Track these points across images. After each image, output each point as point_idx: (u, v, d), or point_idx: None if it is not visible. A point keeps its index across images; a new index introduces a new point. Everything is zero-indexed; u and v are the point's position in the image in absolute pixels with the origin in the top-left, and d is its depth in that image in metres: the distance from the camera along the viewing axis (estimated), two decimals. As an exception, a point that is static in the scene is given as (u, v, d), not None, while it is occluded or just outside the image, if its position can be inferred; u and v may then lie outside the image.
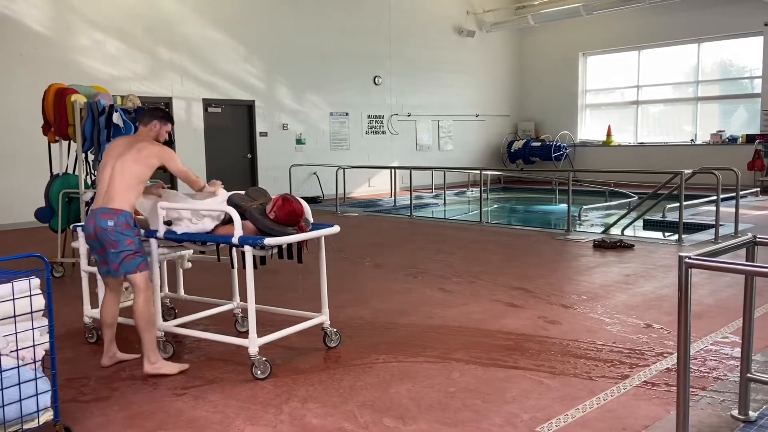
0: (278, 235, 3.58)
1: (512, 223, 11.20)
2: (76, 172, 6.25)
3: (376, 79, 15.27)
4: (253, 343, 3.60)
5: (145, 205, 3.97)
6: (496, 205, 13.77)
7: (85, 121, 5.90)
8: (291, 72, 13.73)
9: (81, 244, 4.28)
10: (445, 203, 13.59)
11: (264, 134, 13.36)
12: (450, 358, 3.88)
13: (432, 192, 14.52)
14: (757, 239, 2.81)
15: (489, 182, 14.27)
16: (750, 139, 14.37)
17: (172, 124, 4.06)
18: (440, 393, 3.35)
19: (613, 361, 3.77)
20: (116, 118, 5.84)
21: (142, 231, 3.85)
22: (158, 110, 4.05)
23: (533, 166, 17.47)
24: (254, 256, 3.60)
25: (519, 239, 8.54)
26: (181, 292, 4.77)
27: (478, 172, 11.74)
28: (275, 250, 3.72)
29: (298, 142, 14.04)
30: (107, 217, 3.61)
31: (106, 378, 3.68)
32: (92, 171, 6.41)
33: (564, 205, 9.58)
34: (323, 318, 4.08)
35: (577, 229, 9.05)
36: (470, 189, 15.06)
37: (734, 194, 8.15)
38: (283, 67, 13.60)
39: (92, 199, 5.81)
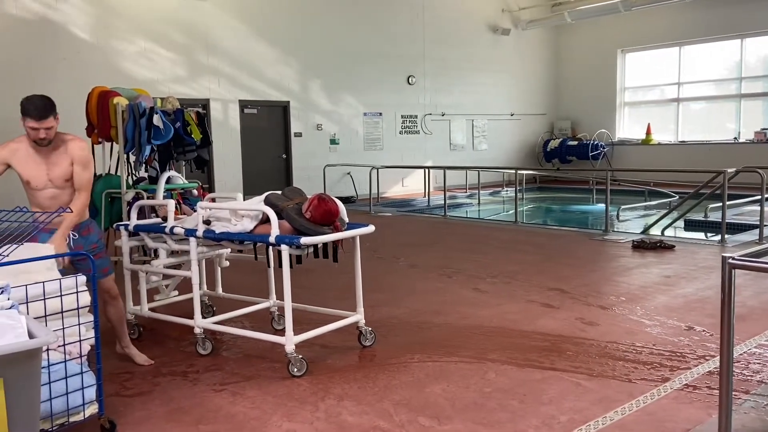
0: (314, 235, 3.62)
1: (548, 224, 11.07)
2: (119, 173, 6.41)
3: (410, 78, 15.26)
4: (290, 340, 3.64)
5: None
6: (531, 205, 13.62)
7: (126, 123, 6.05)
8: (325, 73, 13.83)
9: (124, 243, 4.40)
10: (479, 203, 13.50)
11: (299, 135, 13.49)
12: (485, 358, 3.86)
13: (466, 192, 14.45)
14: (805, 240, 2.72)
15: (524, 182, 14.13)
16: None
17: (29, 116, 3.31)
18: (476, 393, 3.33)
19: (653, 363, 3.70)
20: (156, 119, 5.97)
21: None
22: (21, 104, 3.35)
23: (570, 165, 17.22)
24: (290, 255, 3.65)
25: (555, 239, 8.43)
26: (219, 290, 4.86)
27: (513, 171, 11.62)
28: (311, 250, 3.77)
29: (332, 142, 14.13)
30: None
31: (148, 373, 3.77)
32: (134, 171, 6.57)
33: (602, 205, 9.42)
34: (358, 317, 4.11)
35: (616, 230, 8.89)
36: (505, 189, 14.93)
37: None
38: (318, 68, 13.71)
39: (135, 198, 5.96)
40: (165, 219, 4.33)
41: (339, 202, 3.85)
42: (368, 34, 14.38)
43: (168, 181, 5.93)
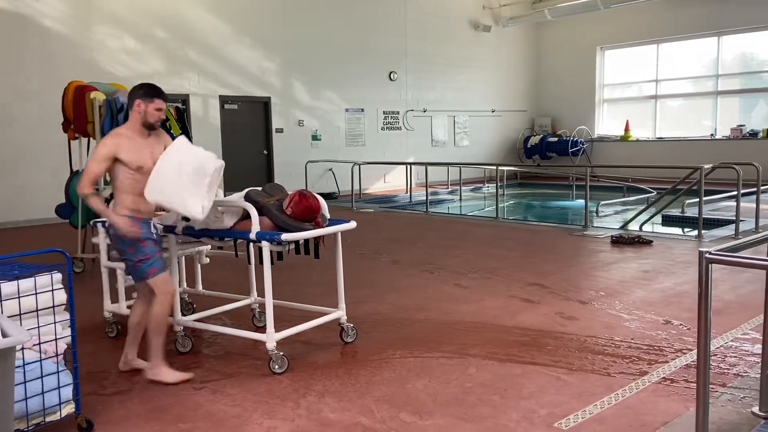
0: (295, 231, 3.60)
1: (529, 219, 11.14)
2: (96, 169, 6.31)
3: (392, 75, 15.25)
4: (271, 338, 3.62)
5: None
6: (512, 201, 13.71)
7: (104, 119, 5.96)
8: (307, 68, 13.76)
9: (101, 240, 4.34)
10: (461, 199, 13.55)
11: (280, 131, 13.42)
12: (466, 353, 3.87)
13: (448, 188, 14.49)
14: (780, 234, 2.77)
15: (505, 178, 14.20)
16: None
17: (163, 99, 3.53)
18: (457, 388, 3.35)
19: (631, 357, 3.74)
20: (135, 115, 5.88)
21: (157, 229, 3.64)
22: (139, 87, 3.56)
23: (550, 161, 17.35)
24: (271, 252, 3.63)
25: (535, 235, 8.49)
26: (200, 287, 4.82)
27: (494, 167, 11.68)
28: (292, 246, 3.75)
29: (314, 138, 14.08)
30: (107, 222, 3.55)
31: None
32: (111, 168, 6.47)
33: (581, 201, 9.51)
34: (340, 313, 4.10)
35: (595, 225, 8.98)
36: (486, 185, 15.00)
37: (755, 189, 8.03)
38: (299, 64, 13.64)
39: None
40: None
41: (320, 198, 3.83)
42: (350, 30, 14.34)
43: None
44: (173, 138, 5.71)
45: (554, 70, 18.16)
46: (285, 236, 3.53)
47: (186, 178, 3.39)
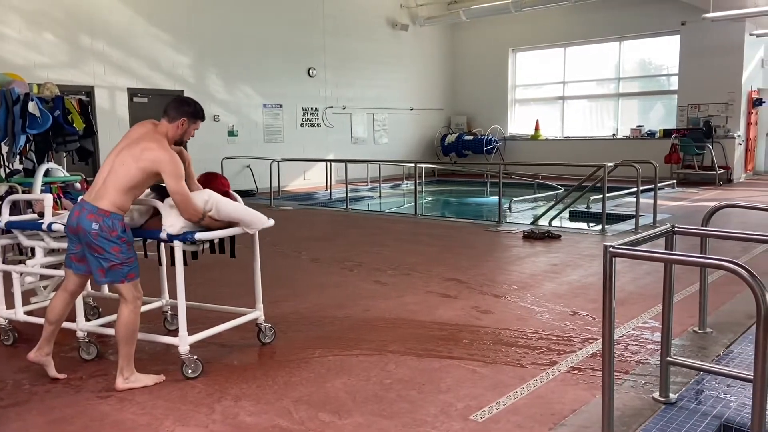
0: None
1: (446, 216, 11.37)
2: (-11, 165, 5.86)
3: (311, 71, 15.11)
4: (184, 341, 3.49)
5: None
6: (430, 198, 13.93)
7: (-4, 111, 5.53)
8: (222, 62, 13.38)
9: (-6, 242, 4.03)
10: (380, 196, 13.63)
11: (194, 126, 12.96)
12: (386, 350, 3.89)
13: (367, 185, 14.53)
14: (676, 229, 2.96)
15: (423, 175, 14.42)
16: (667, 133, 15.15)
17: (203, 120, 3.61)
18: (376, 385, 3.35)
19: (542, 348, 3.89)
20: (32, 107, 5.50)
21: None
22: (188, 103, 3.54)
23: (466, 159, 17.79)
24: (184, 252, 3.49)
25: (453, 231, 8.67)
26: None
27: (413, 165, 11.84)
28: (207, 245, 3.63)
29: (230, 134, 13.73)
30: (92, 218, 3.26)
31: (23, 382, 3.48)
32: (6, 163, 6.03)
33: (495, 198, 9.80)
34: (257, 313, 4.01)
35: (508, 221, 9.28)
36: (405, 182, 15.17)
37: (653, 186, 8.58)
38: (214, 57, 13.24)
39: (8, 192, 5.47)
40: (41, 215, 4.01)
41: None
42: (266, 24, 14.06)
43: (47, 173, 5.49)
44: (77, 133, 5.37)
45: (469, 70, 18.63)
46: (199, 235, 3.41)
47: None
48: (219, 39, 13.26)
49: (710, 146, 14.21)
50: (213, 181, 3.78)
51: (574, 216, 9.77)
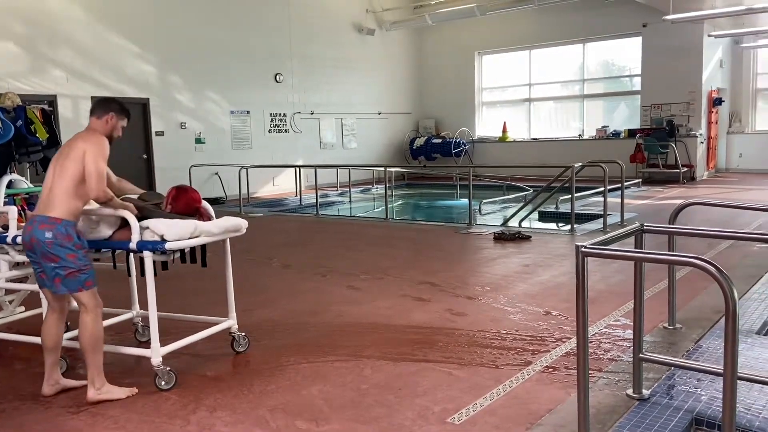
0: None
1: (417, 219, 11.41)
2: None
3: (278, 76, 15.03)
4: (156, 352, 3.43)
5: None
6: (401, 202, 13.97)
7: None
8: (187, 69, 13.22)
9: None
10: (350, 201, 13.62)
11: (161, 134, 12.78)
12: (361, 355, 3.88)
13: (338, 190, 14.50)
14: (645, 227, 3.02)
15: (393, 179, 14.45)
16: (631, 133, 15.48)
17: (129, 118, 3.63)
18: (352, 391, 3.34)
19: (516, 348, 3.92)
20: (-8, 117, 5.36)
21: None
22: (113, 100, 3.61)
23: (435, 162, 17.89)
24: (155, 262, 3.43)
25: (424, 234, 8.71)
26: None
27: (383, 169, 11.87)
28: (177, 255, 3.57)
29: (198, 141, 13.56)
30: (45, 228, 3.20)
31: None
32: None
33: (465, 200, 9.87)
34: (230, 322, 3.96)
35: (479, 223, 9.36)
36: (375, 186, 15.19)
37: (619, 185, 8.75)
38: (179, 64, 13.07)
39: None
40: (6, 228, 3.89)
41: (205, 203, 3.71)
42: (232, 30, 13.94)
43: (10, 185, 5.36)
44: (40, 143, 5.25)
45: (436, 74, 18.75)
46: (169, 245, 3.36)
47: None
48: (185, 46, 13.10)
49: (673, 145, 14.56)
50: (183, 195, 3.69)
51: (544, 216, 9.90)
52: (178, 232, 3.36)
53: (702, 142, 15.04)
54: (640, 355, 3.03)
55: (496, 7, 15.67)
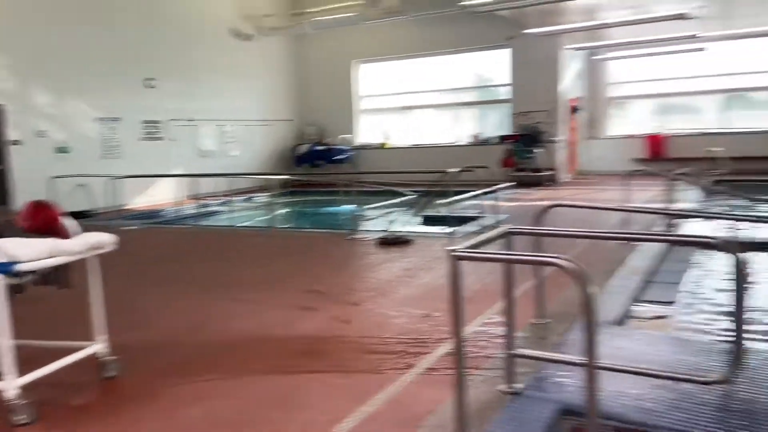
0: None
1: (302, 227, 11.32)
2: None
3: (150, 81, 14.31)
4: (10, 384, 3.12)
5: None
6: (285, 210, 13.78)
7: None
8: (47, 72, 12.24)
9: None
10: (231, 211, 13.24)
11: (18, 142, 11.71)
12: (245, 370, 3.77)
13: (219, 199, 14.05)
14: (512, 230, 3.19)
15: (277, 187, 14.25)
16: (502, 139, 16.40)
17: None
18: (235, 409, 3.24)
19: (400, 352, 3.99)
20: None
21: None
22: None
23: (319, 169, 17.86)
24: (7, 286, 3.13)
25: (309, 242, 8.66)
26: None
27: (265, 177, 11.67)
28: (34, 277, 3.28)
29: (61, 150, 12.57)
30: None
31: None
32: None
33: (349, 206, 9.94)
34: (98, 346, 3.69)
35: (363, 229, 9.45)
36: (258, 194, 14.88)
37: (493, 189, 9.21)
38: (38, 67, 12.07)
39: None
40: None
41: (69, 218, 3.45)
42: (96, 33, 13.09)
43: None
44: None
45: (317, 81, 18.76)
46: (21, 266, 3.07)
47: None
48: (43, 48, 12.11)
49: (538, 151, 15.59)
50: (39, 213, 3.43)
51: (425, 220, 10.19)
52: (30, 253, 3.08)
53: (562, 148, 16.21)
54: (512, 351, 3.20)
55: (373, 17, 15.92)
